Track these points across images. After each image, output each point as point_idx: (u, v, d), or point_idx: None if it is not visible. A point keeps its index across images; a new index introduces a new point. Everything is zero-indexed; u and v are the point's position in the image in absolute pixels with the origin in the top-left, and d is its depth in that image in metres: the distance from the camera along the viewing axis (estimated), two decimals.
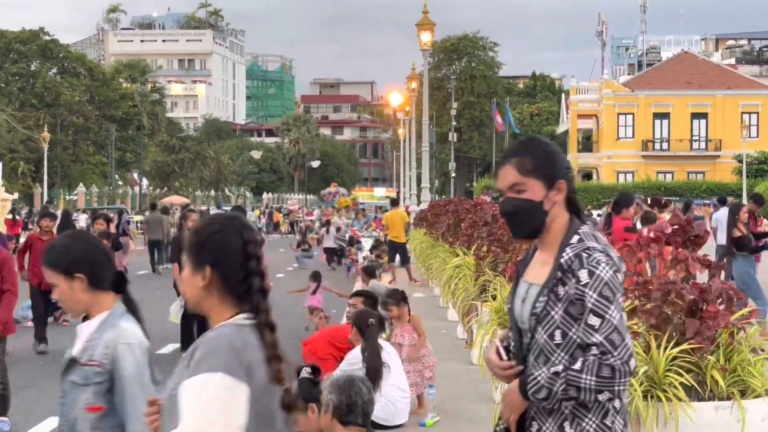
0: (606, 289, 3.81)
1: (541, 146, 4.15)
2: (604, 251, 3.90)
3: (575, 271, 3.85)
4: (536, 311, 3.95)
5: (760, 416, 5.47)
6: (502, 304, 9.39)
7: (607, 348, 3.79)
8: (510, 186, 4.10)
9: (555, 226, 4.04)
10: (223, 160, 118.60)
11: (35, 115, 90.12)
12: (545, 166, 4.06)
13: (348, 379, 6.03)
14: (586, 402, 3.82)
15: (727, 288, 5.63)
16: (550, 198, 4.03)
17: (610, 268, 3.84)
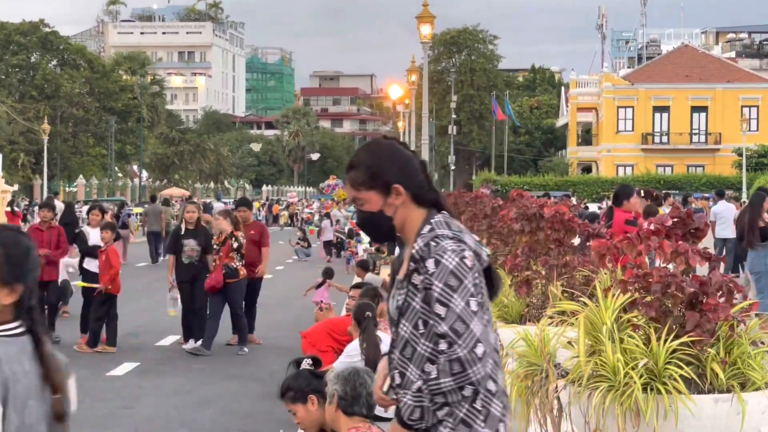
0: (451, 278, 3.82)
1: (368, 156, 4.15)
2: (455, 238, 3.91)
3: (425, 260, 3.87)
4: (398, 304, 3.98)
5: (759, 409, 5.48)
6: (502, 297, 9.39)
7: (453, 338, 3.81)
8: (352, 200, 4.16)
9: (409, 224, 4.06)
10: (223, 153, 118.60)
11: (35, 107, 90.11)
12: (375, 175, 4.06)
13: (353, 370, 6.06)
14: (457, 401, 3.85)
15: (728, 281, 5.64)
16: (390, 203, 4.06)
17: (457, 255, 3.84)
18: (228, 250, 16.23)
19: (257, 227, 18.02)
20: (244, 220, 17.33)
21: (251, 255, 17.04)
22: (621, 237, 6.11)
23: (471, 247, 3.91)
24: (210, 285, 16.23)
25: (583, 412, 5.59)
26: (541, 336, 6.35)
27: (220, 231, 16.56)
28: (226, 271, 16.22)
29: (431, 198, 4.09)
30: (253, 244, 17.24)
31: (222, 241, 16.38)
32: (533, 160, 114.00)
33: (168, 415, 11.55)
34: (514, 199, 10.02)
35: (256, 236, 17.43)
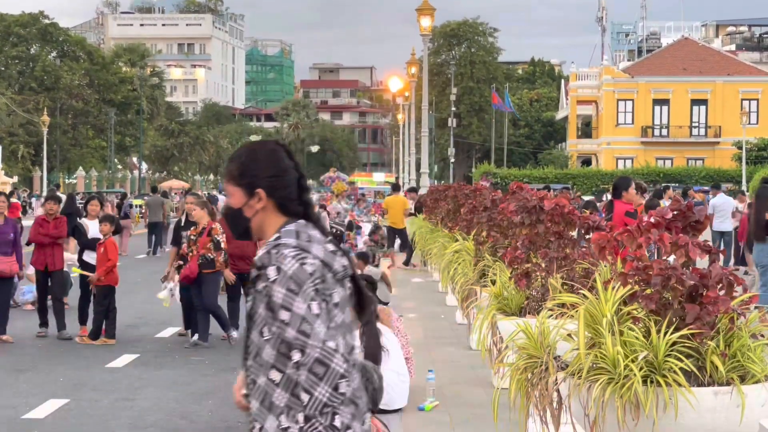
0: (291, 283, 3.85)
1: (246, 154, 4.19)
2: (298, 247, 3.93)
3: (266, 267, 3.90)
4: (248, 311, 4.00)
5: (759, 401, 5.48)
6: (502, 289, 9.40)
7: (303, 341, 3.85)
8: (225, 191, 4.20)
9: (266, 230, 4.11)
10: (223, 145, 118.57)
11: (35, 99, 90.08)
12: (245, 174, 4.10)
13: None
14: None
15: (727, 273, 5.64)
16: (251, 205, 4.10)
17: (297, 261, 3.88)
18: (205, 242, 15.94)
19: None
20: None
21: (247, 249, 16.65)
22: (621, 230, 6.11)
23: (318, 257, 3.94)
24: (184, 275, 15.99)
25: (583, 404, 5.59)
26: (541, 328, 6.35)
27: (196, 222, 16.33)
28: (202, 262, 15.90)
29: (297, 210, 4.10)
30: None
31: (198, 232, 16.11)
32: (533, 152, 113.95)
33: (167, 407, 11.55)
34: (513, 192, 10.02)
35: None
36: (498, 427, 7.23)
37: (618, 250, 6.25)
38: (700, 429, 5.44)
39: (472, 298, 12.40)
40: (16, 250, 16.25)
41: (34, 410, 11.36)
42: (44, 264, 16.70)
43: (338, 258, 4.04)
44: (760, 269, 17.34)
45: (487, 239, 12.27)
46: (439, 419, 10.31)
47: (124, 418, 10.99)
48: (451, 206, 21.36)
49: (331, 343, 3.90)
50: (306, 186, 4.17)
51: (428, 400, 10.83)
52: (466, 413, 10.52)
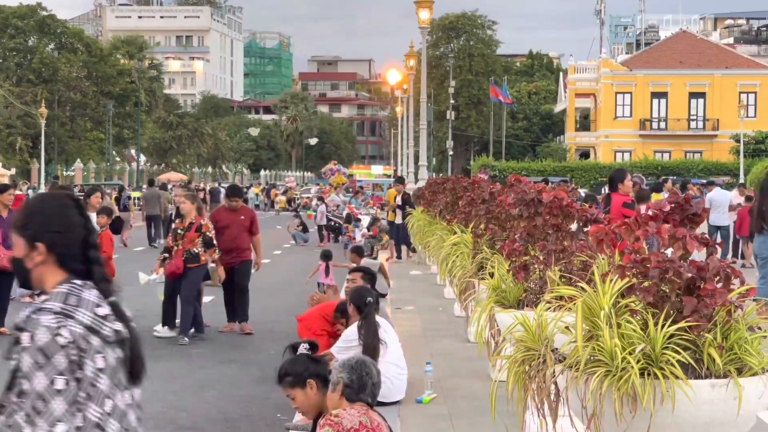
0: (39, 355, 3.77)
1: (33, 206, 4.12)
2: (60, 313, 3.84)
3: (23, 331, 3.84)
4: (12, 366, 3.90)
5: (756, 394, 5.49)
6: (500, 282, 9.40)
7: (33, 416, 3.77)
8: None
9: (47, 284, 4.01)
10: (221, 137, 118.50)
11: (32, 91, 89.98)
12: (27, 226, 4.02)
13: (359, 359, 6.08)
14: None
15: (725, 266, 5.65)
16: (31, 257, 4.01)
17: (50, 332, 3.79)
18: (192, 237, 15.89)
19: (247, 213, 17.60)
20: (233, 207, 17.19)
21: (240, 242, 16.93)
22: (619, 222, 6.12)
23: (83, 323, 3.85)
24: (170, 271, 15.95)
25: (581, 397, 5.60)
26: (539, 321, 6.35)
27: (184, 215, 16.29)
28: (187, 256, 15.87)
29: (78, 268, 4.01)
30: (243, 230, 17.06)
31: (186, 226, 16.08)
32: (531, 145, 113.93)
33: (166, 399, 11.57)
34: (512, 185, 10.02)
35: (246, 222, 17.19)
36: (496, 420, 7.24)
37: (616, 242, 6.26)
38: (697, 421, 5.45)
39: (470, 290, 12.41)
40: None
41: None
42: None
43: (109, 323, 3.93)
44: (760, 261, 17.38)
45: (486, 232, 12.27)
46: (437, 412, 10.32)
47: None
48: (449, 199, 21.37)
49: (60, 427, 3.75)
50: (93, 243, 4.06)
51: (426, 393, 10.85)
52: (464, 406, 10.53)
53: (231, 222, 17.00)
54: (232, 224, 16.97)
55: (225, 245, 16.68)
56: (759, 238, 17.34)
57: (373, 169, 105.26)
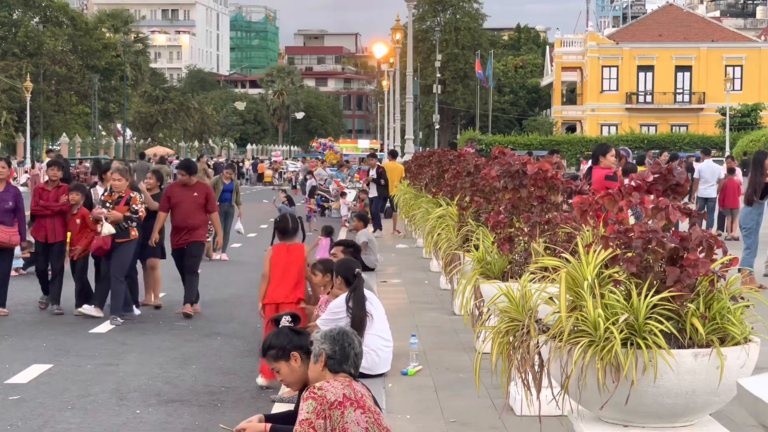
0: None
1: None
2: None
3: None
4: None
5: (738, 363, 5.51)
6: (485, 254, 9.41)
7: None
8: None
9: None
10: (207, 111, 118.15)
11: (17, 65, 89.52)
12: None
13: (340, 330, 6.07)
14: None
15: (708, 236, 5.65)
16: None
17: None
18: (122, 211, 15.09)
19: (201, 189, 16.40)
20: (185, 183, 16.20)
21: (193, 220, 15.98)
22: (602, 193, 6.12)
23: None
24: (97, 246, 15.13)
25: (564, 367, 5.61)
26: (523, 292, 6.36)
27: (111, 189, 15.45)
28: (117, 230, 15.07)
29: None
30: (196, 207, 16.04)
31: (115, 200, 15.24)
32: (518, 119, 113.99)
33: (151, 372, 11.57)
34: (496, 157, 10.01)
35: (200, 199, 16.13)
36: (480, 391, 7.25)
37: (600, 213, 6.27)
38: (680, 390, 5.47)
39: (455, 263, 12.43)
40: (18, 219, 15.44)
41: (17, 375, 11.36)
42: (44, 235, 15.91)
43: None
44: (744, 232, 17.51)
45: (471, 204, 12.28)
46: (422, 384, 10.34)
47: (107, 383, 11.01)
48: (435, 172, 21.38)
49: None
50: None
51: (411, 365, 10.86)
52: (449, 377, 10.56)
53: (183, 198, 16.02)
54: (184, 201, 15.99)
55: (175, 223, 15.97)
56: (746, 209, 17.44)
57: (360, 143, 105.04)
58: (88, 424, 9.35)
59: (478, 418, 8.84)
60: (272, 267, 11.38)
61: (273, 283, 11.37)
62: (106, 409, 9.94)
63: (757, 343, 5.67)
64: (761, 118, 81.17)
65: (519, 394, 8.51)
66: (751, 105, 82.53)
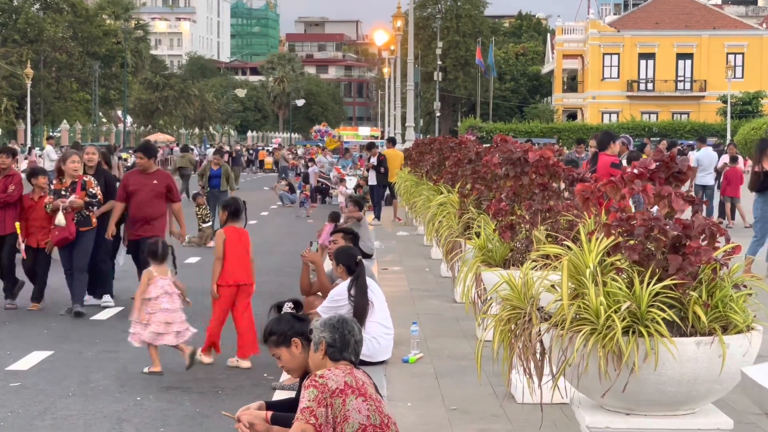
0: None
1: None
2: None
3: None
4: None
5: (741, 351, 5.50)
6: (486, 241, 9.40)
7: None
8: None
9: None
10: (208, 98, 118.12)
11: (18, 51, 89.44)
12: None
13: (340, 318, 6.05)
14: None
15: (710, 224, 5.64)
16: None
17: None
18: (81, 196, 14.39)
19: (162, 177, 14.90)
20: (144, 168, 14.77)
21: (151, 211, 14.60)
22: (605, 180, 6.10)
23: None
24: (62, 237, 14.33)
25: (566, 355, 5.60)
26: (525, 279, 6.35)
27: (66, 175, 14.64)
28: (78, 219, 14.39)
29: None
30: (155, 196, 14.63)
31: (69, 186, 14.48)
32: (518, 106, 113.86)
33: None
34: (497, 144, 9.99)
35: (160, 187, 14.71)
36: (481, 379, 7.24)
37: (602, 201, 6.25)
38: (681, 379, 5.46)
39: (456, 250, 12.41)
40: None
41: (17, 362, 11.35)
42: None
43: None
44: (755, 220, 17.61)
45: (472, 192, 12.26)
46: (423, 371, 10.33)
47: (107, 370, 11.00)
48: (436, 159, 21.36)
49: None
50: None
51: (412, 353, 10.86)
52: (450, 365, 10.55)
53: (140, 186, 14.63)
54: (142, 189, 14.59)
55: (132, 213, 14.62)
56: (755, 198, 17.51)
57: (361, 131, 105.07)
58: (89, 411, 9.35)
59: (479, 406, 8.83)
60: (227, 249, 11.42)
61: (229, 264, 11.41)
62: (106, 395, 9.93)
63: (760, 332, 5.66)
64: (762, 106, 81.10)
65: (520, 382, 8.50)
66: (753, 93, 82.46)
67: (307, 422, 5.49)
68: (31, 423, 8.98)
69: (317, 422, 5.49)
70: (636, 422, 5.69)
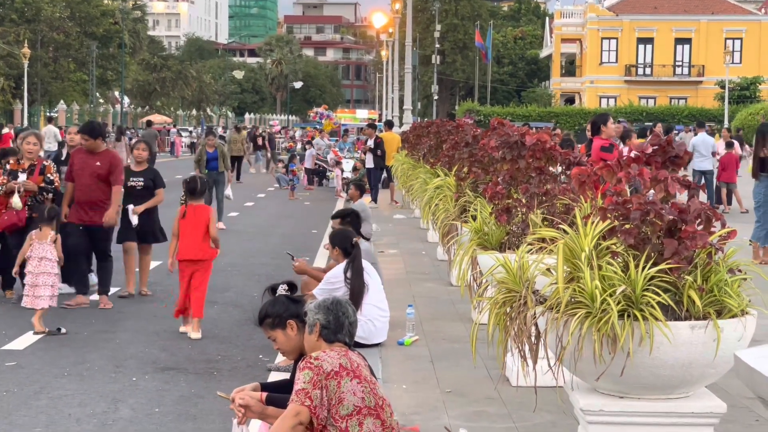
0: None
1: None
2: None
3: None
4: None
5: (735, 336, 5.51)
6: (482, 225, 9.40)
7: None
8: None
9: None
10: (205, 80, 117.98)
11: (15, 31, 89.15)
12: None
13: (334, 299, 6.05)
14: None
15: (706, 208, 5.64)
16: None
17: None
18: (38, 182, 13.76)
19: (105, 158, 13.81)
20: (89, 149, 13.76)
21: (96, 194, 13.68)
22: (601, 164, 6.10)
23: None
24: (11, 222, 13.66)
25: (561, 338, 5.61)
26: (520, 263, 6.35)
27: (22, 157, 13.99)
28: (31, 204, 13.70)
29: None
30: (99, 179, 13.67)
31: (27, 168, 13.83)
32: (516, 90, 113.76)
33: (147, 340, 11.58)
34: (494, 128, 9.98)
35: (102, 169, 13.67)
36: (476, 361, 7.26)
37: (598, 185, 6.25)
38: (676, 363, 5.47)
39: (452, 233, 12.42)
40: None
41: (12, 342, 11.37)
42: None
43: None
44: (755, 205, 17.63)
45: (469, 175, 12.27)
46: (418, 354, 10.36)
47: (103, 350, 11.02)
48: (433, 142, 21.35)
49: None
50: None
51: (408, 335, 10.88)
52: (446, 348, 10.57)
53: (83, 167, 13.75)
54: (84, 170, 13.71)
55: (77, 197, 13.75)
56: (755, 183, 17.52)
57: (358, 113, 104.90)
58: (84, 391, 9.36)
59: (474, 389, 8.86)
60: (181, 226, 11.96)
61: (183, 240, 11.93)
62: (102, 376, 9.95)
63: (754, 316, 5.66)
64: (760, 92, 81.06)
65: (515, 365, 8.52)
66: (751, 78, 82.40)
67: (302, 404, 5.50)
68: (27, 402, 8.99)
69: (312, 404, 5.50)
70: (630, 405, 5.70)
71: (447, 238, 12.71)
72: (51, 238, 12.07)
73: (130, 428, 8.29)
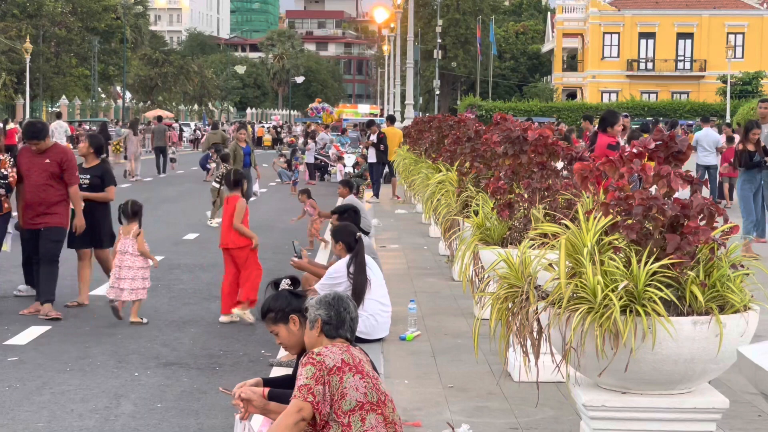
0: None
1: None
2: None
3: None
4: None
5: (738, 331, 5.50)
6: (484, 220, 9.40)
7: None
8: None
9: None
10: (207, 75, 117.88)
11: (17, 26, 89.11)
12: None
13: (336, 295, 6.04)
14: None
15: (709, 204, 5.64)
16: None
17: None
18: None
19: (55, 155, 12.90)
20: (38, 148, 12.81)
21: (46, 195, 12.81)
22: (603, 159, 6.09)
23: None
24: None
25: (563, 333, 5.61)
26: (523, 258, 6.35)
27: None
28: None
29: None
30: (49, 178, 12.81)
31: None
32: (518, 85, 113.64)
33: (149, 334, 11.58)
34: (497, 123, 9.98)
35: (53, 167, 12.80)
36: (478, 357, 7.25)
37: (600, 180, 6.25)
38: (678, 358, 5.47)
39: (454, 228, 12.42)
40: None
41: (15, 336, 11.37)
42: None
43: None
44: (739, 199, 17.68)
45: (471, 170, 12.26)
46: (420, 349, 10.35)
47: (105, 345, 11.01)
48: (435, 137, 21.34)
49: None
50: None
51: (410, 330, 10.87)
52: (448, 343, 10.57)
53: (31, 166, 12.87)
54: (32, 170, 12.84)
55: (26, 198, 12.89)
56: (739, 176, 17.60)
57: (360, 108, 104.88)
58: (87, 386, 9.36)
59: (475, 384, 8.86)
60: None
61: (221, 230, 12.99)
62: (104, 371, 9.95)
63: (757, 311, 5.66)
64: (762, 86, 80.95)
65: (517, 361, 8.52)
66: (753, 73, 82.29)
67: (305, 399, 5.49)
68: (29, 397, 8.99)
69: (315, 399, 5.49)
70: (632, 401, 5.70)
71: (449, 233, 12.71)
72: (134, 232, 12.43)
73: (132, 423, 8.29)
